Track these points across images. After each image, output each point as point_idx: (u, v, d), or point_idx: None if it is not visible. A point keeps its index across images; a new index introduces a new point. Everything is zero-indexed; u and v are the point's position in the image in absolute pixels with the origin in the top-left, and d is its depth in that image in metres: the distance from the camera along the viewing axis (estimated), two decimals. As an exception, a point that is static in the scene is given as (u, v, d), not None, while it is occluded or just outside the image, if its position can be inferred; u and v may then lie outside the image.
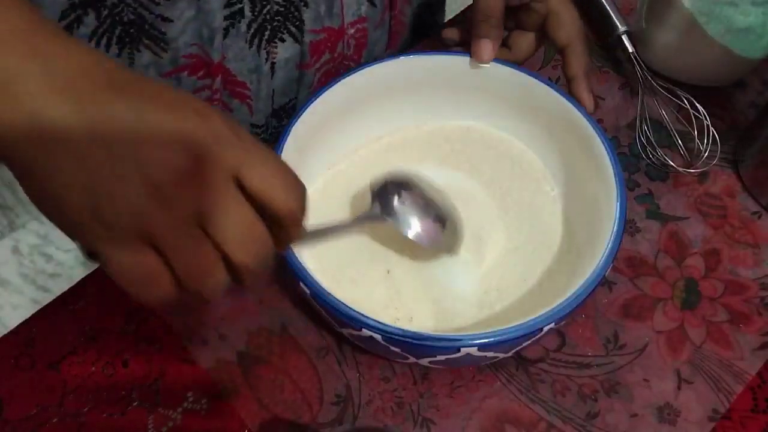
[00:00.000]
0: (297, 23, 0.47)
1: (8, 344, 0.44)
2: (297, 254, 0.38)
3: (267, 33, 0.47)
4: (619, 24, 0.56)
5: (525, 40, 0.48)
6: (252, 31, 0.46)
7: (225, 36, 0.45)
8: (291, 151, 0.42)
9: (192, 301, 0.28)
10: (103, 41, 0.43)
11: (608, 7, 0.57)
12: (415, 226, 0.42)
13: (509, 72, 0.46)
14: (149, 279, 0.26)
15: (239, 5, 0.44)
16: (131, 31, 0.42)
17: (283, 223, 0.28)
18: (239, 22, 0.45)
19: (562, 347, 0.44)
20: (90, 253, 0.27)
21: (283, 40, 0.48)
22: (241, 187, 0.27)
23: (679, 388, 0.43)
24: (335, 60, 0.52)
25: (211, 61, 0.46)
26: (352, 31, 0.51)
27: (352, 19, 0.51)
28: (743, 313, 0.45)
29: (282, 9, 0.46)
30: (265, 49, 0.48)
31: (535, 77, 0.45)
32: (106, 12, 0.41)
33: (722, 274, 0.47)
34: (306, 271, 0.37)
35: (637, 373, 0.43)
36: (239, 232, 0.26)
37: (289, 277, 0.38)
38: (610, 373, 0.43)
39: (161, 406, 0.42)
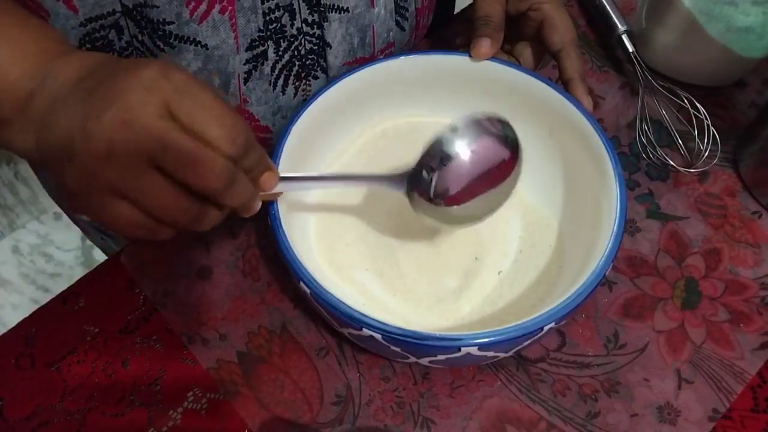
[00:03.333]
0: (330, 58, 0.47)
1: (8, 344, 0.44)
2: (297, 254, 0.38)
3: (295, 70, 0.46)
4: (619, 24, 0.56)
5: (530, 50, 0.48)
6: (276, 72, 0.45)
7: (246, 80, 0.44)
8: (293, 149, 0.42)
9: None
10: None
11: (608, 7, 0.57)
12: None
13: (509, 71, 0.46)
14: (130, 224, 0.30)
15: (262, 48, 0.43)
16: None
17: (234, 154, 0.30)
18: (262, 64, 0.44)
19: (563, 347, 0.44)
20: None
21: (316, 78, 0.48)
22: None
23: (679, 387, 0.43)
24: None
25: None
26: (381, 57, 0.50)
27: (382, 46, 0.51)
28: (743, 312, 0.45)
29: (315, 47, 0.46)
30: (294, 84, 0.47)
31: (535, 77, 0.45)
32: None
33: (722, 273, 0.47)
34: (306, 271, 0.37)
35: (637, 373, 0.43)
36: (185, 163, 0.29)
37: (289, 277, 0.38)
38: (610, 372, 0.43)
39: (161, 406, 0.42)
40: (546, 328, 0.35)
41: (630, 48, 0.55)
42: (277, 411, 0.42)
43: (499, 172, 0.39)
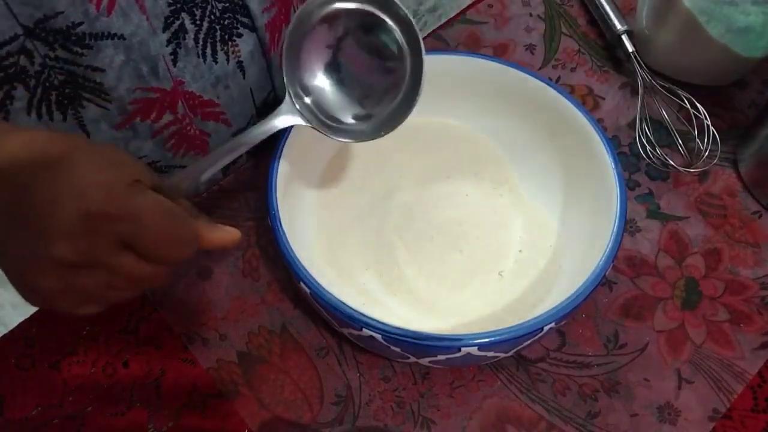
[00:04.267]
0: (246, 11, 0.44)
1: (8, 344, 0.44)
2: (297, 254, 0.38)
3: (218, 35, 0.43)
4: (619, 24, 0.56)
5: None
6: (200, 43, 0.43)
7: (174, 60, 0.42)
8: (292, 149, 0.42)
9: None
10: (43, 110, 0.40)
11: (608, 7, 0.57)
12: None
13: (509, 72, 0.46)
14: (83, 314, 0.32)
15: (178, 22, 0.41)
16: (67, 91, 0.39)
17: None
18: (184, 38, 0.42)
19: (563, 347, 0.44)
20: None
21: (240, 35, 0.45)
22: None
23: (679, 387, 0.43)
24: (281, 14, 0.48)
25: (164, 95, 0.43)
26: None
27: None
28: (744, 312, 0.45)
29: (228, 5, 0.43)
30: (223, 50, 0.45)
31: (536, 77, 0.45)
32: (33, 82, 0.38)
33: (722, 273, 0.47)
34: (306, 271, 0.37)
35: (637, 373, 0.43)
36: (136, 281, 0.31)
37: (289, 277, 0.38)
38: (610, 372, 0.43)
39: (161, 406, 0.42)
40: (546, 328, 0.35)
41: (630, 48, 0.55)
42: (277, 411, 0.42)
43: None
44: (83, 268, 0.29)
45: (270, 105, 0.51)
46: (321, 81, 0.41)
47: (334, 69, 0.41)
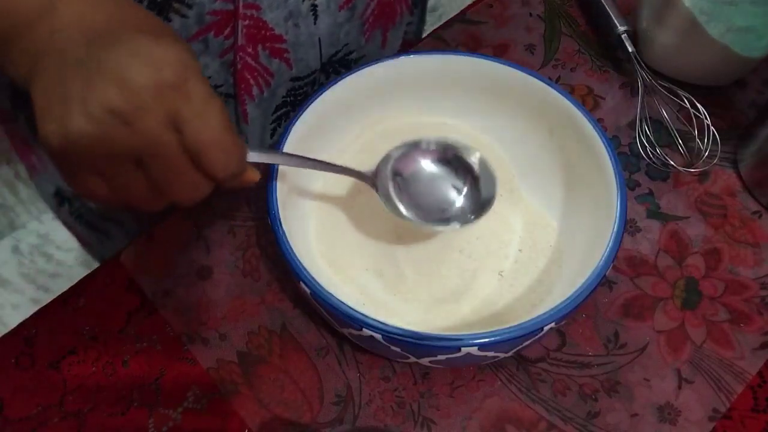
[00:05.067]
0: None
1: (8, 344, 0.44)
2: (297, 254, 0.38)
3: None
4: (619, 24, 0.56)
5: None
6: None
7: None
8: (293, 149, 0.42)
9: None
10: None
11: (608, 7, 0.57)
12: (394, 201, 0.42)
13: (509, 71, 0.46)
14: (95, 197, 0.30)
15: None
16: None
17: (219, 180, 0.31)
18: None
19: (563, 347, 0.44)
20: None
21: None
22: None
23: (679, 387, 0.43)
24: None
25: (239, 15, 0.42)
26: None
27: None
28: (744, 312, 0.45)
29: None
30: None
31: (536, 77, 0.45)
32: None
33: (723, 273, 0.47)
34: (306, 271, 0.37)
35: (637, 373, 0.43)
36: (169, 178, 0.29)
37: (289, 277, 0.38)
38: (610, 372, 0.43)
39: (161, 406, 0.42)
40: (546, 328, 0.35)
41: (630, 48, 0.55)
42: (277, 411, 0.42)
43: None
44: (126, 125, 0.27)
45: (336, 65, 0.50)
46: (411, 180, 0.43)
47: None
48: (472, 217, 0.42)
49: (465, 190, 0.43)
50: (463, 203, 0.43)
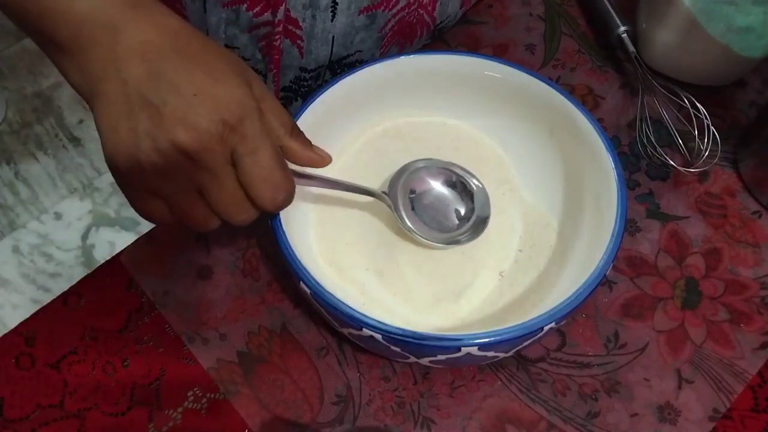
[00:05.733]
0: None
1: (8, 344, 0.44)
2: (297, 254, 0.38)
3: None
4: (619, 23, 0.56)
5: None
6: None
7: None
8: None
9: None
10: None
11: (608, 7, 0.57)
12: (410, 219, 0.44)
13: (509, 71, 0.46)
14: (155, 218, 0.34)
15: None
16: None
17: (268, 210, 0.35)
18: None
19: (563, 347, 0.44)
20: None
21: None
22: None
23: (679, 387, 0.43)
24: (411, 6, 0.49)
25: None
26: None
27: None
28: (744, 312, 0.45)
29: None
30: None
31: (536, 77, 0.45)
32: None
33: (723, 273, 0.47)
34: (306, 271, 0.37)
35: (637, 373, 0.43)
36: (224, 203, 0.33)
37: (289, 277, 0.38)
38: (610, 372, 0.43)
39: (161, 406, 0.42)
40: (546, 328, 0.35)
41: (630, 48, 0.55)
42: (277, 411, 0.42)
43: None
44: (191, 160, 0.30)
45: (344, 67, 0.52)
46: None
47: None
48: (469, 237, 0.45)
49: (464, 212, 0.45)
50: (463, 226, 0.45)
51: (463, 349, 0.35)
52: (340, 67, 0.53)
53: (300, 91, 0.54)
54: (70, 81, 0.32)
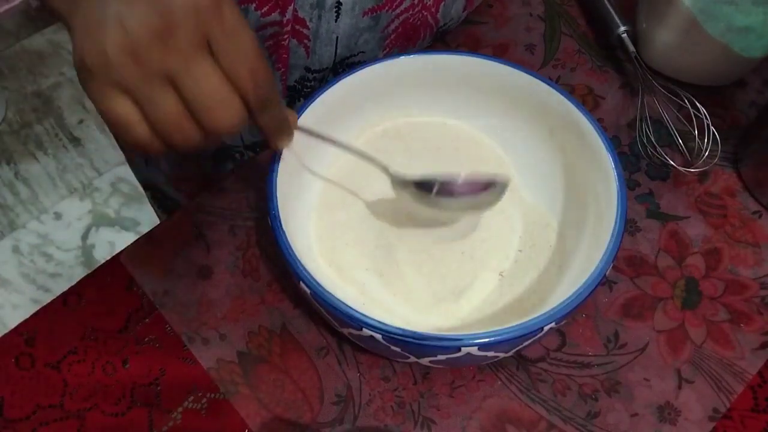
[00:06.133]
0: None
1: (8, 344, 0.44)
2: (297, 254, 0.38)
3: None
4: (619, 23, 0.56)
5: None
6: None
7: None
8: (293, 149, 0.42)
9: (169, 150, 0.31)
10: None
11: (608, 7, 0.57)
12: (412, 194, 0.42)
13: (509, 71, 0.46)
14: (125, 124, 0.30)
15: None
16: None
17: (253, 105, 0.31)
18: None
19: (563, 347, 0.44)
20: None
21: None
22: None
23: (679, 387, 0.43)
24: (414, 7, 0.49)
25: None
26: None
27: None
28: (744, 312, 0.45)
29: None
30: None
31: (536, 77, 0.45)
32: None
33: (723, 273, 0.47)
34: (306, 271, 0.37)
35: (637, 373, 0.43)
36: (204, 95, 0.29)
37: (289, 277, 0.38)
38: (610, 372, 0.43)
39: (161, 406, 0.42)
40: (546, 328, 0.35)
41: (630, 48, 0.55)
42: (277, 411, 0.42)
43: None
44: (161, 41, 0.28)
45: (349, 67, 0.52)
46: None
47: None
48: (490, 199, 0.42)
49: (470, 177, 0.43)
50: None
51: (463, 349, 0.35)
52: (342, 68, 0.53)
53: (303, 91, 0.54)
54: (54, 6, 0.30)
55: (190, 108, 0.30)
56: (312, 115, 0.44)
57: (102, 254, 1.33)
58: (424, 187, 0.42)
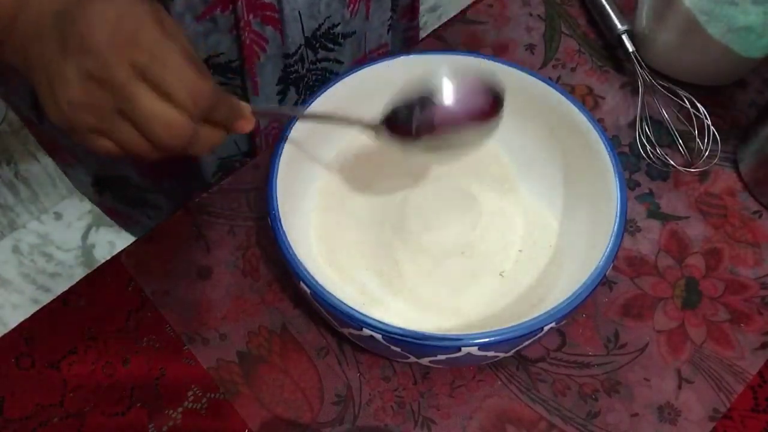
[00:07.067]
0: None
1: (8, 344, 0.44)
2: (297, 254, 0.38)
3: None
4: (619, 23, 0.56)
5: None
6: None
7: None
8: (292, 149, 0.42)
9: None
10: None
11: (608, 7, 0.57)
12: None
13: (509, 71, 0.46)
14: (112, 152, 0.33)
15: None
16: None
17: (197, 117, 0.33)
18: None
19: (563, 347, 0.44)
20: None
21: None
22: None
23: (679, 387, 0.43)
24: None
25: None
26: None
27: None
28: (744, 312, 0.45)
29: None
30: None
31: (536, 77, 0.45)
32: None
33: (723, 273, 0.47)
34: (306, 271, 0.37)
35: (637, 373, 0.43)
36: (146, 121, 0.31)
37: (289, 277, 0.38)
38: (610, 372, 0.43)
39: (161, 406, 0.42)
40: (546, 328, 0.35)
41: (630, 48, 0.55)
42: (277, 411, 0.42)
43: (477, 114, 0.40)
44: (101, 84, 0.30)
45: (321, 39, 0.52)
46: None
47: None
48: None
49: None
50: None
51: (463, 349, 0.35)
52: (317, 41, 0.53)
53: (290, 78, 0.54)
54: (12, 64, 0.33)
55: (141, 132, 0.32)
56: (315, 110, 0.44)
57: (102, 254, 1.33)
58: (402, 129, 0.40)
